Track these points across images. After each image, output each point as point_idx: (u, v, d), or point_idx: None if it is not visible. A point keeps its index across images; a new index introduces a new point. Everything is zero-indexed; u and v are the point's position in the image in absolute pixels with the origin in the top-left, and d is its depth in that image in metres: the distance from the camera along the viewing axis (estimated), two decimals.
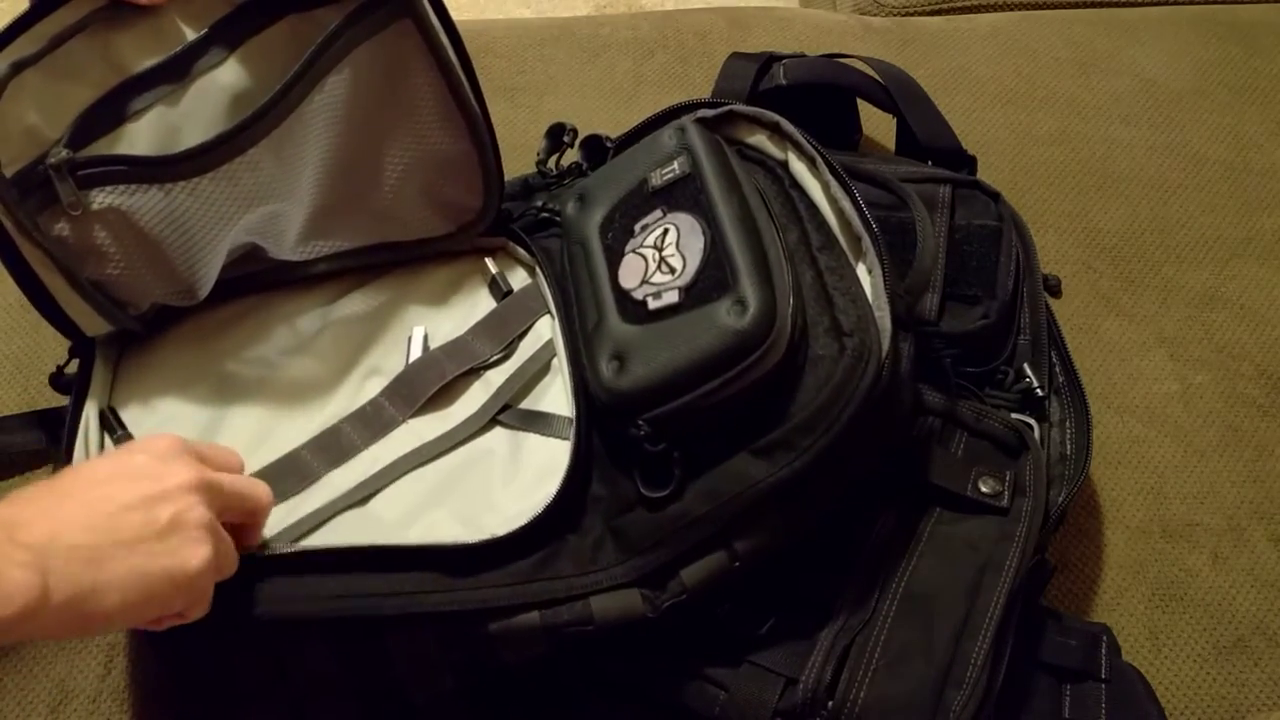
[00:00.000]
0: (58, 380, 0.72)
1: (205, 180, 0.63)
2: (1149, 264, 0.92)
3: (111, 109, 0.61)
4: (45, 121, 0.60)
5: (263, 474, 0.66)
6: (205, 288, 0.68)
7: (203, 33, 0.62)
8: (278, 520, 0.63)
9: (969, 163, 0.86)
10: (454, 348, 0.70)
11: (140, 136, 0.62)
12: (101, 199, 0.61)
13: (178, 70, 0.62)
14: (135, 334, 0.70)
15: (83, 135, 0.61)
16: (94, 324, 0.67)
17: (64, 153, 0.59)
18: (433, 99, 0.67)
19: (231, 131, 0.63)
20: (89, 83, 0.60)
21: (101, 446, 0.67)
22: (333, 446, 0.67)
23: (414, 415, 0.68)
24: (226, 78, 0.64)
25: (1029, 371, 0.74)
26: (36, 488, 0.49)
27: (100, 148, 0.61)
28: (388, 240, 0.74)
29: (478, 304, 0.74)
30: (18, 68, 0.57)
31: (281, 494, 0.64)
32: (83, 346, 0.69)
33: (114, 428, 0.67)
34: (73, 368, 0.69)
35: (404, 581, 0.59)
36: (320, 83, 0.64)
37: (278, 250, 0.70)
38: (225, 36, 0.63)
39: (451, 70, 0.66)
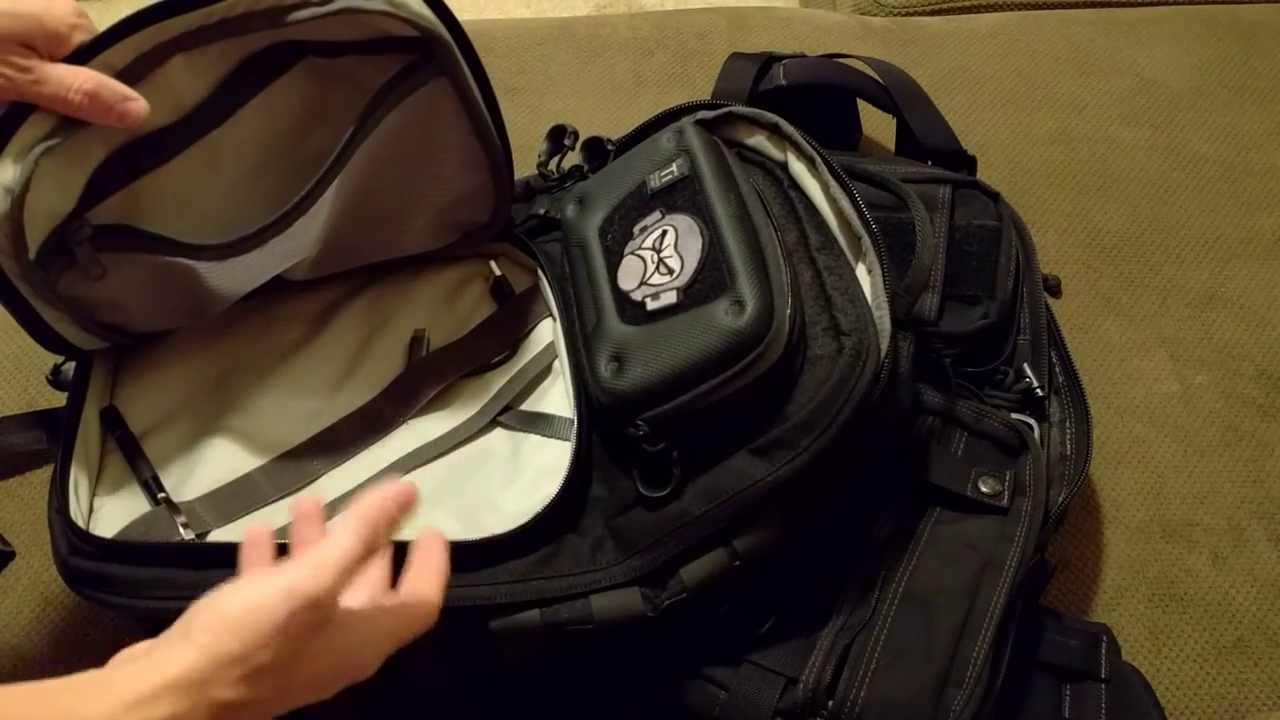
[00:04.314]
0: (56, 378, 0.71)
1: (237, 257, 0.63)
2: (1149, 264, 0.92)
3: (123, 165, 0.60)
4: (63, 198, 0.59)
5: (262, 473, 0.66)
6: (215, 315, 0.69)
7: (216, 85, 0.61)
8: (276, 520, 0.63)
9: (969, 163, 0.86)
10: (455, 349, 0.71)
11: (155, 190, 0.61)
12: (125, 260, 0.61)
13: (193, 124, 0.61)
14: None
15: (95, 192, 0.59)
16: (90, 342, 0.67)
17: (87, 230, 0.59)
18: (460, 146, 0.67)
19: (274, 222, 0.63)
20: (99, 141, 0.58)
21: (102, 446, 0.67)
22: (332, 446, 0.67)
23: (414, 416, 0.68)
24: (244, 127, 0.63)
25: (1029, 371, 0.74)
26: None
27: (115, 203, 0.60)
28: (396, 257, 0.74)
29: (479, 306, 0.74)
30: (36, 157, 0.55)
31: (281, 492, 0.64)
32: (79, 352, 0.69)
33: (115, 427, 0.67)
34: (70, 366, 0.69)
35: None
36: (359, 148, 0.64)
37: (288, 276, 0.70)
38: (239, 88, 0.61)
39: (481, 118, 0.66)
